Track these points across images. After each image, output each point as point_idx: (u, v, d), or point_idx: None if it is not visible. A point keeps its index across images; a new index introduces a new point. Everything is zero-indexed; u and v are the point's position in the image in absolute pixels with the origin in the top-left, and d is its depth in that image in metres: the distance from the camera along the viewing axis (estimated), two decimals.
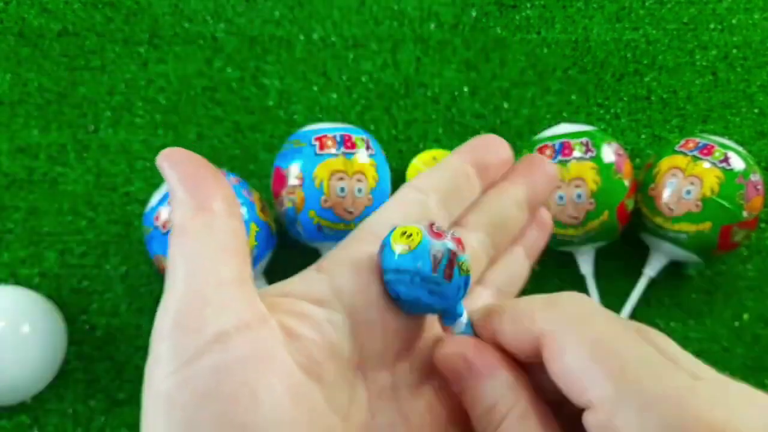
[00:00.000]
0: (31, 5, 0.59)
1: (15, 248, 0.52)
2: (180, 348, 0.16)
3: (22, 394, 0.47)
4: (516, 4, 0.60)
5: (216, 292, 0.17)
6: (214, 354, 0.16)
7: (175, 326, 0.16)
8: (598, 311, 0.18)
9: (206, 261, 0.17)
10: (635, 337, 0.17)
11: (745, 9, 0.60)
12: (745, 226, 0.46)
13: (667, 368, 0.16)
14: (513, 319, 0.18)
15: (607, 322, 0.17)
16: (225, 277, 0.17)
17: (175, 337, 0.16)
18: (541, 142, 0.48)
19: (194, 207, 0.19)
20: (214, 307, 0.16)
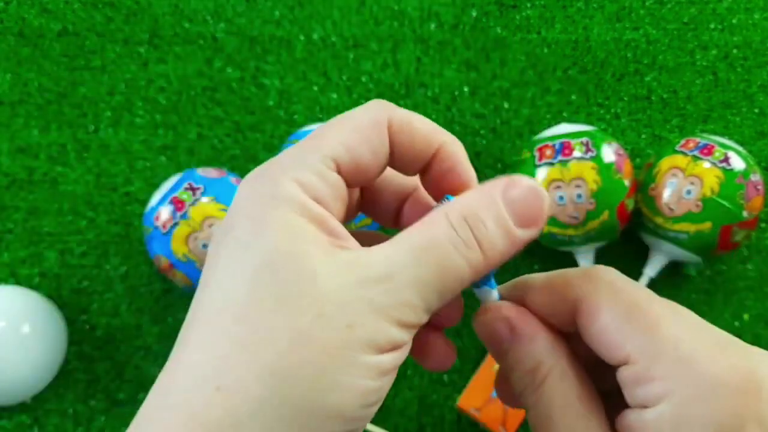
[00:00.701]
0: (32, 5, 0.59)
1: (15, 248, 0.52)
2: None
3: (23, 394, 0.47)
4: (516, 4, 0.60)
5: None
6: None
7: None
8: (629, 281, 0.19)
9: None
10: (666, 302, 0.18)
11: (746, 9, 0.60)
12: (746, 226, 0.46)
13: (700, 327, 0.17)
14: (548, 289, 0.19)
15: (639, 289, 0.19)
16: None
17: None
18: (541, 142, 0.48)
19: None
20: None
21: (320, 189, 0.18)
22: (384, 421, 0.48)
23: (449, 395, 0.49)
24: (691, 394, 0.16)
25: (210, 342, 0.16)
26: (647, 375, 0.17)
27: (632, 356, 0.17)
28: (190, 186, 0.45)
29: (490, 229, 0.18)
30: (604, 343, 0.18)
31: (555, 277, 0.20)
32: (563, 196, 0.45)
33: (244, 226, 0.18)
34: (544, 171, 0.46)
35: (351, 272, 0.17)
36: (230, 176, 0.47)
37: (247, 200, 0.18)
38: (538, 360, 0.19)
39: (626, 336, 0.17)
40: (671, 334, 0.17)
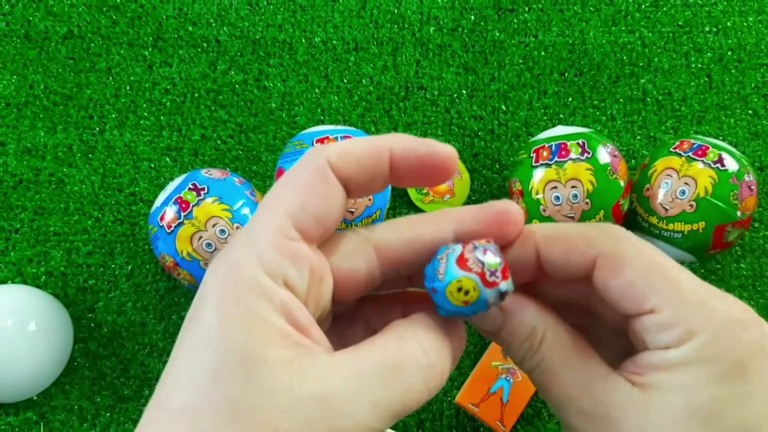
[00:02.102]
0: (37, 8, 0.60)
1: (22, 247, 0.53)
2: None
3: (29, 391, 0.47)
4: (514, 7, 0.61)
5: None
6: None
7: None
8: (641, 239, 0.20)
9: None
10: (672, 261, 0.20)
11: (740, 12, 0.61)
12: (739, 225, 0.47)
13: (711, 286, 0.19)
14: (565, 242, 0.20)
15: (652, 247, 0.20)
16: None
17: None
18: (538, 144, 0.49)
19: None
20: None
21: (284, 267, 0.18)
22: None
23: (448, 391, 0.50)
24: (713, 334, 0.18)
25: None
26: (673, 321, 0.18)
27: (658, 306, 0.18)
28: (194, 186, 0.46)
29: (447, 363, 0.19)
30: (629, 296, 0.19)
31: (569, 230, 0.20)
32: (559, 196, 0.46)
33: (206, 320, 0.17)
34: (541, 172, 0.47)
35: (312, 387, 0.17)
36: (234, 177, 0.48)
37: (212, 290, 0.18)
38: (532, 326, 0.20)
39: (652, 288, 0.19)
40: (690, 287, 0.19)
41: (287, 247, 0.18)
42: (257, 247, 0.18)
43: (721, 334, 0.18)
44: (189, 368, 0.17)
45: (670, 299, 0.18)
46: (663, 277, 0.19)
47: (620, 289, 0.19)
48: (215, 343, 0.17)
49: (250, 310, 0.17)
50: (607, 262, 0.19)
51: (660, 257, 0.19)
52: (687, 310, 0.18)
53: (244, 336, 0.17)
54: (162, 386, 0.17)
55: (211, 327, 0.17)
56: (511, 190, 0.50)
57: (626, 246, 0.19)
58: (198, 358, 0.17)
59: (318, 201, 0.19)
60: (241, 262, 0.18)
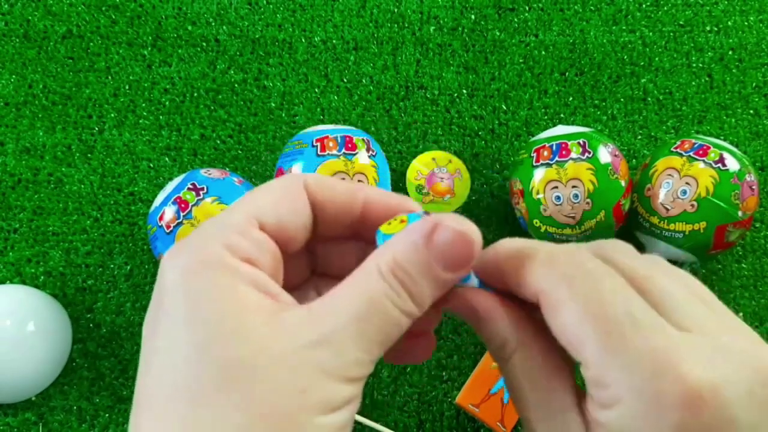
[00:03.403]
0: (36, 7, 0.59)
1: (21, 247, 0.52)
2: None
3: (28, 392, 0.47)
4: (514, 7, 0.61)
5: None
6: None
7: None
8: (592, 268, 0.19)
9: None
10: (626, 293, 0.18)
11: (741, 11, 0.61)
12: (740, 225, 0.46)
13: (654, 324, 0.17)
14: (515, 274, 0.20)
15: (600, 279, 0.18)
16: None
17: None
18: (538, 143, 0.48)
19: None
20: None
21: (247, 248, 0.18)
22: (384, 417, 0.49)
23: (448, 391, 0.49)
24: (640, 405, 0.16)
25: (164, 425, 0.16)
26: (601, 380, 0.17)
27: (589, 360, 0.17)
28: (193, 186, 0.45)
29: (418, 281, 0.18)
30: (565, 342, 0.18)
31: (521, 260, 0.20)
32: (560, 196, 0.46)
33: (177, 299, 0.17)
34: (542, 172, 0.47)
35: (296, 335, 0.17)
36: (233, 177, 0.48)
37: (175, 271, 0.18)
38: (503, 338, 0.20)
39: (584, 339, 0.17)
40: (628, 340, 0.17)
41: (250, 233, 0.19)
42: (222, 231, 0.19)
43: (647, 407, 0.16)
44: (170, 350, 0.17)
45: (599, 356, 0.17)
46: (598, 325, 0.17)
47: (557, 332, 0.18)
48: (192, 318, 0.17)
49: (221, 282, 0.17)
50: (546, 302, 0.19)
51: (605, 294, 0.18)
52: (615, 372, 0.17)
53: (219, 305, 0.17)
54: (148, 367, 0.17)
55: (182, 304, 0.17)
56: (511, 189, 0.50)
57: (565, 284, 0.18)
58: (178, 333, 0.17)
59: (285, 209, 0.20)
60: (204, 243, 0.18)
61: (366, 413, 0.48)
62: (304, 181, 0.20)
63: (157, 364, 0.17)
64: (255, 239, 0.19)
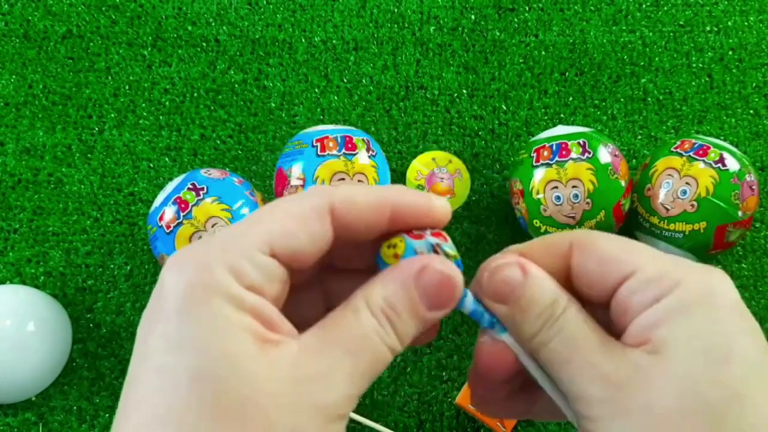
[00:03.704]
0: (36, 7, 0.59)
1: (21, 247, 0.52)
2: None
3: (28, 392, 0.47)
4: (514, 7, 0.61)
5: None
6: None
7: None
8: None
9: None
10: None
11: (741, 11, 0.61)
12: (740, 225, 0.46)
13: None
14: (542, 248, 0.21)
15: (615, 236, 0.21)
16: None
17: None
18: (538, 144, 0.48)
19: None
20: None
21: (253, 275, 0.18)
22: (384, 417, 0.49)
23: (448, 391, 0.49)
24: (698, 277, 0.19)
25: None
26: (658, 274, 0.19)
27: (640, 265, 0.19)
28: (193, 186, 0.45)
29: (404, 319, 0.19)
30: (607, 265, 0.20)
31: (545, 238, 0.22)
32: (560, 196, 0.46)
33: (174, 321, 0.17)
34: (542, 172, 0.47)
35: (289, 372, 0.17)
36: (233, 177, 0.48)
37: (177, 289, 0.17)
38: (555, 295, 0.20)
39: (630, 252, 0.20)
40: (664, 255, 0.20)
41: (258, 259, 0.18)
42: (230, 252, 0.18)
43: (708, 283, 0.18)
44: (162, 375, 0.17)
45: (648, 259, 0.19)
46: (635, 246, 0.20)
47: (598, 261, 0.20)
48: (188, 345, 0.17)
49: (221, 312, 0.17)
50: (582, 244, 0.20)
51: (626, 238, 0.20)
52: (667, 265, 0.19)
53: (216, 336, 0.17)
54: (134, 389, 0.17)
55: (179, 328, 0.17)
56: (511, 189, 0.50)
57: (596, 233, 0.21)
58: (171, 359, 0.17)
59: (302, 237, 0.19)
60: (210, 264, 0.18)
61: (366, 413, 0.48)
62: (330, 202, 0.19)
63: (149, 383, 0.17)
64: (263, 266, 0.18)
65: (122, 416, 0.17)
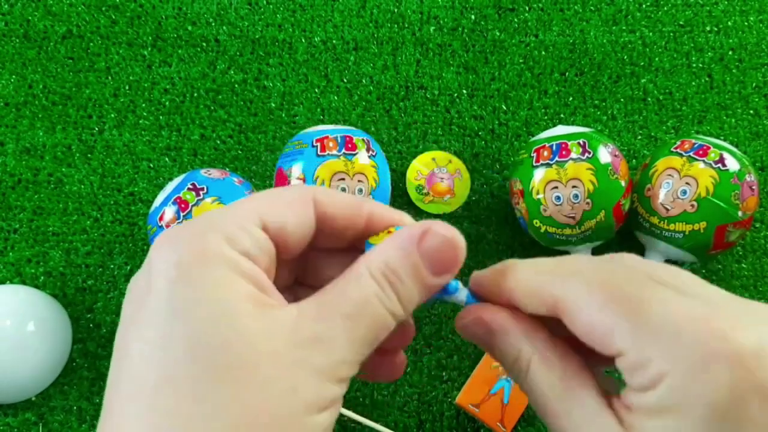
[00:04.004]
0: (36, 7, 0.59)
1: (21, 248, 0.52)
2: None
3: (28, 392, 0.47)
4: (514, 7, 0.61)
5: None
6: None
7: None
8: (600, 262, 0.20)
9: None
10: (642, 279, 0.18)
11: (741, 11, 0.61)
12: (740, 225, 0.46)
13: (681, 300, 0.17)
14: (528, 295, 0.20)
15: (612, 271, 0.19)
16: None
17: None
18: (538, 144, 0.48)
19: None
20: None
21: (247, 243, 0.18)
22: (384, 417, 0.49)
23: (448, 392, 0.49)
24: (687, 373, 0.16)
25: (151, 420, 0.16)
26: (641, 361, 0.17)
27: (623, 347, 0.17)
28: (193, 186, 0.45)
29: (407, 284, 0.19)
30: (594, 341, 0.18)
31: (531, 280, 0.20)
32: (560, 196, 0.46)
33: (171, 290, 0.17)
34: (542, 172, 0.47)
35: (288, 334, 0.17)
36: (233, 177, 0.48)
37: (172, 256, 0.17)
38: (517, 349, 0.20)
39: (611, 329, 0.17)
40: (656, 312, 0.17)
41: (251, 230, 0.19)
42: (224, 222, 0.18)
43: (697, 374, 0.16)
44: (163, 336, 0.17)
45: (631, 337, 0.17)
46: (622, 309, 0.17)
47: (584, 335, 0.18)
48: (186, 309, 0.17)
49: (218, 275, 0.17)
50: (564, 309, 0.19)
51: (619, 282, 0.18)
52: (653, 346, 0.17)
53: (215, 299, 0.17)
54: (129, 353, 0.17)
55: (176, 292, 0.17)
56: (511, 189, 0.50)
57: (578, 285, 0.19)
58: (170, 326, 0.17)
59: (290, 216, 0.20)
60: (205, 233, 0.18)
61: (366, 413, 0.48)
62: (314, 193, 0.20)
63: (144, 353, 0.17)
64: (255, 237, 0.19)
65: (113, 390, 0.17)
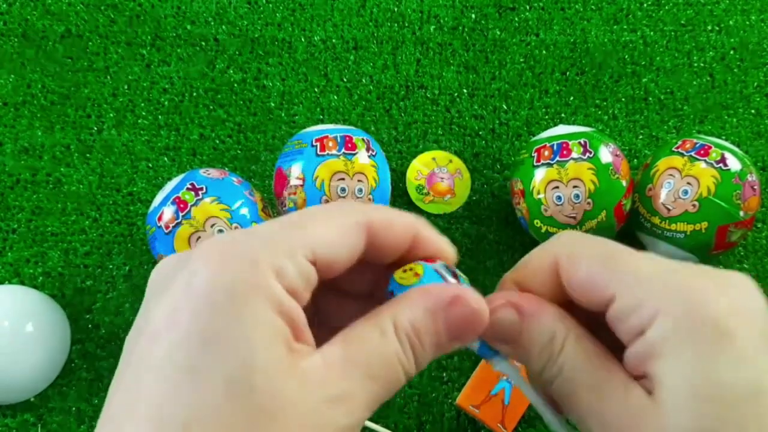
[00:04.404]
0: (35, 7, 0.59)
1: (19, 248, 0.52)
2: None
3: (27, 393, 0.47)
4: (515, 6, 0.61)
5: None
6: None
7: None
8: (593, 236, 0.21)
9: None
10: (630, 249, 0.20)
11: (742, 11, 0.61)
12: (742, 225, 0.46)
13: (665, 262, 0.19)
14: (532, 272, 0.21)
15: (605, 240, 0.20)
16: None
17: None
18: (539, 143, 0.48)
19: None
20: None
21: (295, 278, 0.18)
22: (384, 418, 0.48)
23: (448, 393, 0.49)
24: (679, 305, 0.17)
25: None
26: (634, 303, 0.18)
27: (618, 291, 0.19)
28: (192, 186, 0.45)
29: (426, 347, 0.19)
30: (589, 289, 0.19)
31: (529, 261, 0.21)
32: (561, 196, 0.46)
33: (210, 310, 0.16)
34: (542, 171, 0.47)
35: (317, 389, 0.17)
36: (232, 177, 0.48)
37: (221, 275, 0.17)
38: (552, 330, 0.20)
39: (608, 276, 0.19)
40: (644, 267, 0.19)
41: (301, 262, 0.18)
42: (274, 250, 0.17)
43: (688, 303, 0.17)
44: (197, 372, 0.16)
45: (627, 282, 0.19)
46: (617, 263, 0.19)
47: (581, 284, 0.20)
48: (223, 344, 0.16)
49: (264, 315, 0.17)
50: (564, 263, 0.20)
51: (613, 247, 0.20)
52: (646, 288, 0.18)
53: (253, 340, 0.16)
54: (151, 372, 0.16)
55: (217, 324, 0.16)
56: (512, 190, 0.50)
57: (577, 244, 0.20)
58: (204, 358, 0.16)
59: (343, 249, 0.19)
60: (258, 261, 0.17)
61: None
62: (369, 220, 0.19)
63: (169, 376, 0.16)
64: (304, 270, 0.18)
65: (126, 404, 0.16)
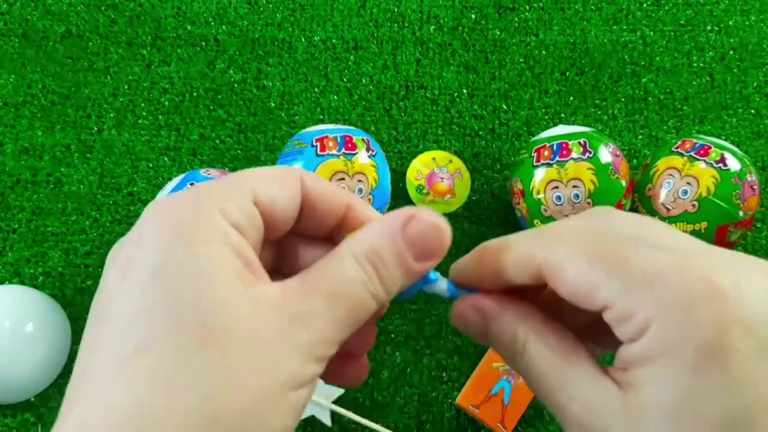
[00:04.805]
0: (35, 7, 0.59)
1: (19, 248, 0.52)
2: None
3: (27, 393, 0.47)
4: (514, 6, 0.61)
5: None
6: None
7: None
8: (580, 225, 0.20)
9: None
10: (620, 239, 0.19)
11: (742, 11, 0.61)
12: (741, 225, 0.46)
13: (658, 253, 0.18)
14: (510, 263, 0.20)
15: (592, 230, 0.19)
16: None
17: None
18: (539, 143, 0.48)
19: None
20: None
21: (239, 216, 0.18)
22: (384, 418, 0.48)
23: (448, 392, 0.49)
24: (671, 317, 0.16)
25: (131, 384, 0.16)
26: (626, 312, 0.17)
27: (608, 301, 0.18)
28: (192, 186, 0.45)
29: (390, 268, 0.19)
30: (580, 298, 0.19)
31: (513, 250, 0.20)
32: (561, 196, 0.46)
33: (159, 251, 0.17)
34: (542, 171, 0.47)
35: (272, 309, 0.17)
36: None
37: (166, 221, 0.18)
38: (512, 331, 0.20)
39: (595, 284, 0.18)
40: (637, 266, 0.17)
41: (244, 203, 0.19)
42: (218, 194, 0.19)
43: (681, 316, 0.16)
44: (150, 300, 0.17)
45: (617, 290, 0.17)
46: (603, 264, 0.18)
47: (570, 294, 0.19)
48: (177, 279, 0.17)
49: (211, 247, 0.17)
50: (548, 272, 0.19)
51: (599, 240, 0.19)
52: (636, 296, 0.17)
53: (205, 272, 0.17)
54: (109, 311, 0.17)
55: (172, 261, 0.17)
56: (512, 189, 0.50)
57: (560, 247, 0.19)
58: (158, 290, 0.17)
59: (281, 193, 0.20)
60: (201, 204, 0.18)
61: (366, 414, 0.48)
62: (300, 174, 0.21)
63: (126, 315, 0.17)
64: (247, 210, 0.19)
65: (92, 352, 0.17)
